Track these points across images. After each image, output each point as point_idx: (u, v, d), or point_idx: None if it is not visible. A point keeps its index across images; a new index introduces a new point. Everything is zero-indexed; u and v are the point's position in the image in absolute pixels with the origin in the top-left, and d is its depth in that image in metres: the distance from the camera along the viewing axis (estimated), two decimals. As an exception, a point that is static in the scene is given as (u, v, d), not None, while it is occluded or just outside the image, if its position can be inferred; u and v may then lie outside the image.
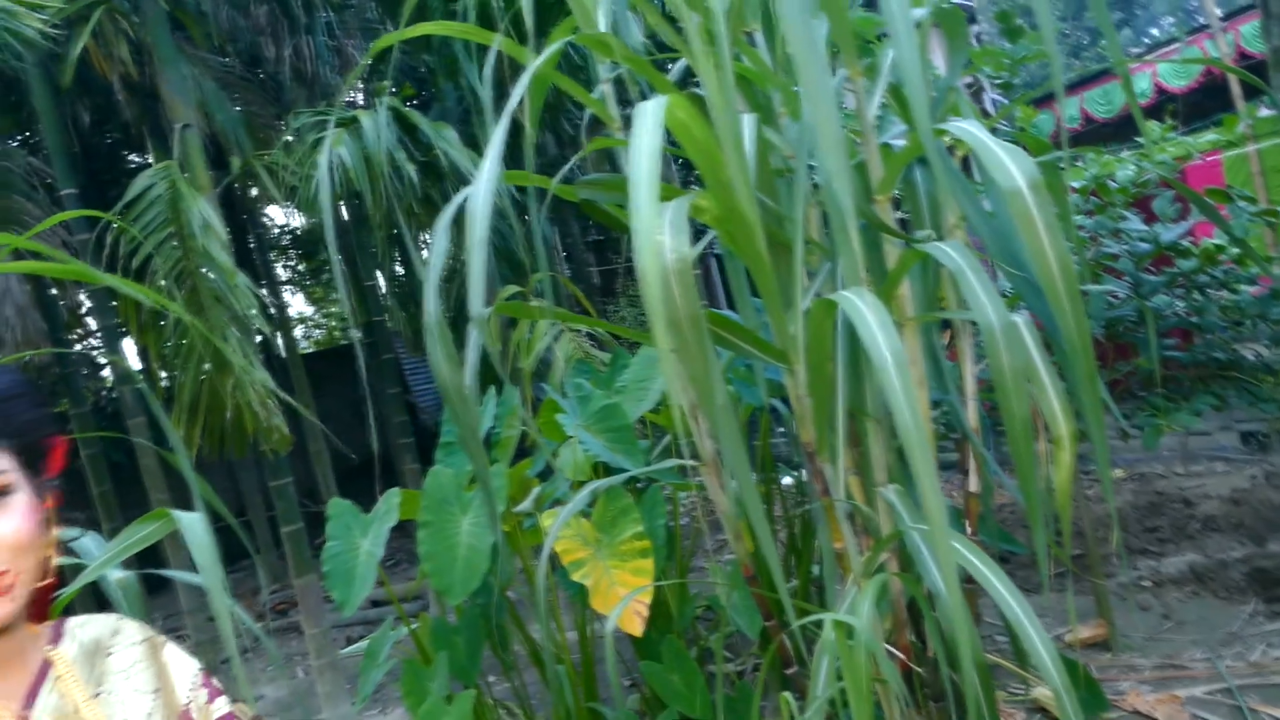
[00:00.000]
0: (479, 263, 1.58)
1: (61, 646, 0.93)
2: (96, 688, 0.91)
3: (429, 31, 2.14)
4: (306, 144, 4.26)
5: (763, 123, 2.17)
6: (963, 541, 1.70)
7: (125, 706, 0.91)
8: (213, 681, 1.01)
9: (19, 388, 0.88)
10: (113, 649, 0.95)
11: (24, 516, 0.83)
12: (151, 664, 0.97)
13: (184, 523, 1.49)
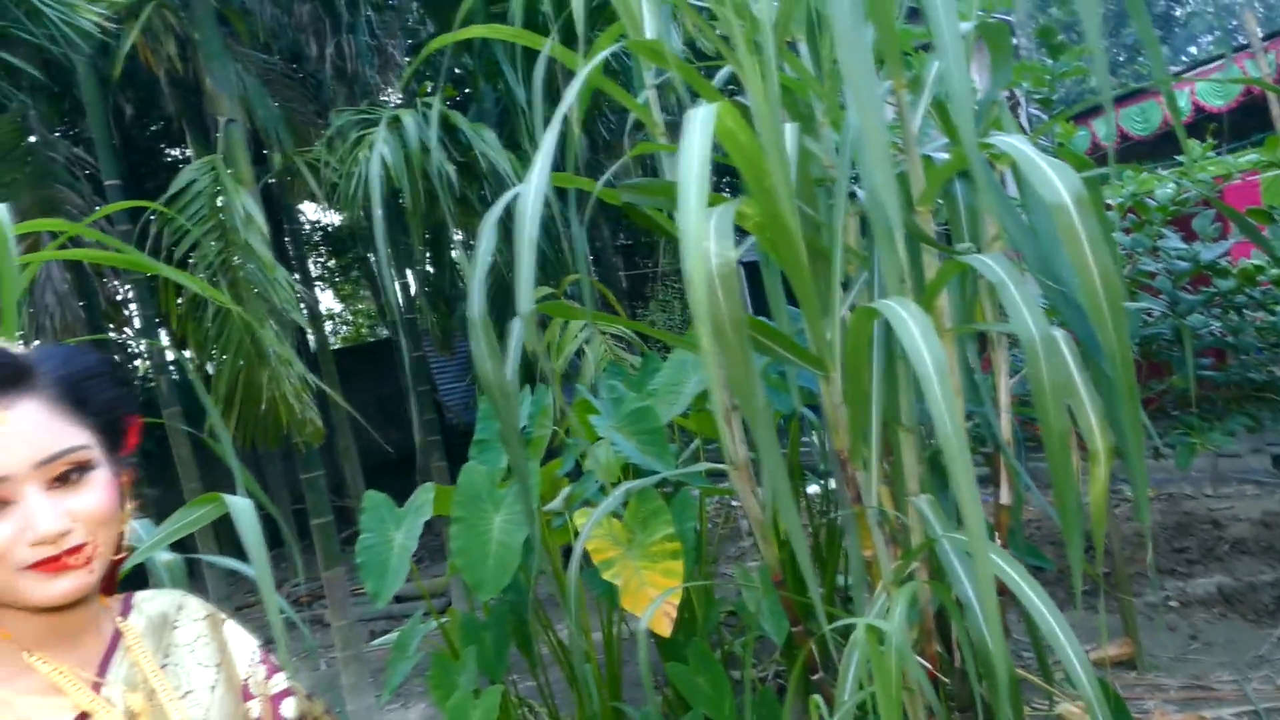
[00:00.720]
0: (527, 262, 1.61)
1: (131, 619, 0.96)
2: (163, 659, 0.95)
3: (480, 34, 2.18)
4: (348, 142, 4.32)
5: (804, 132, 2.20)
6: (998, 553, 1.71)
7: (190, 678, 0.95)
8: (271, 658, 1.04)
9: (101, 367, 0.92)
10: (178, 623, 0.99)
11: (105, 491, 0.87)
12: (214, 639, 1.00)
13: (234, 507, 1.53)
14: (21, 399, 0.84)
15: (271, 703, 1.00)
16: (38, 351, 0.90)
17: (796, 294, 2.06)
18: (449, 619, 2.89)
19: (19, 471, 0.82)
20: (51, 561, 0.83)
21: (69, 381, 0.88)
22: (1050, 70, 3.12)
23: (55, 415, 0.85)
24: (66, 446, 0.85)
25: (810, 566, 1.89)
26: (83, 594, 0.86)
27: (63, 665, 0.88)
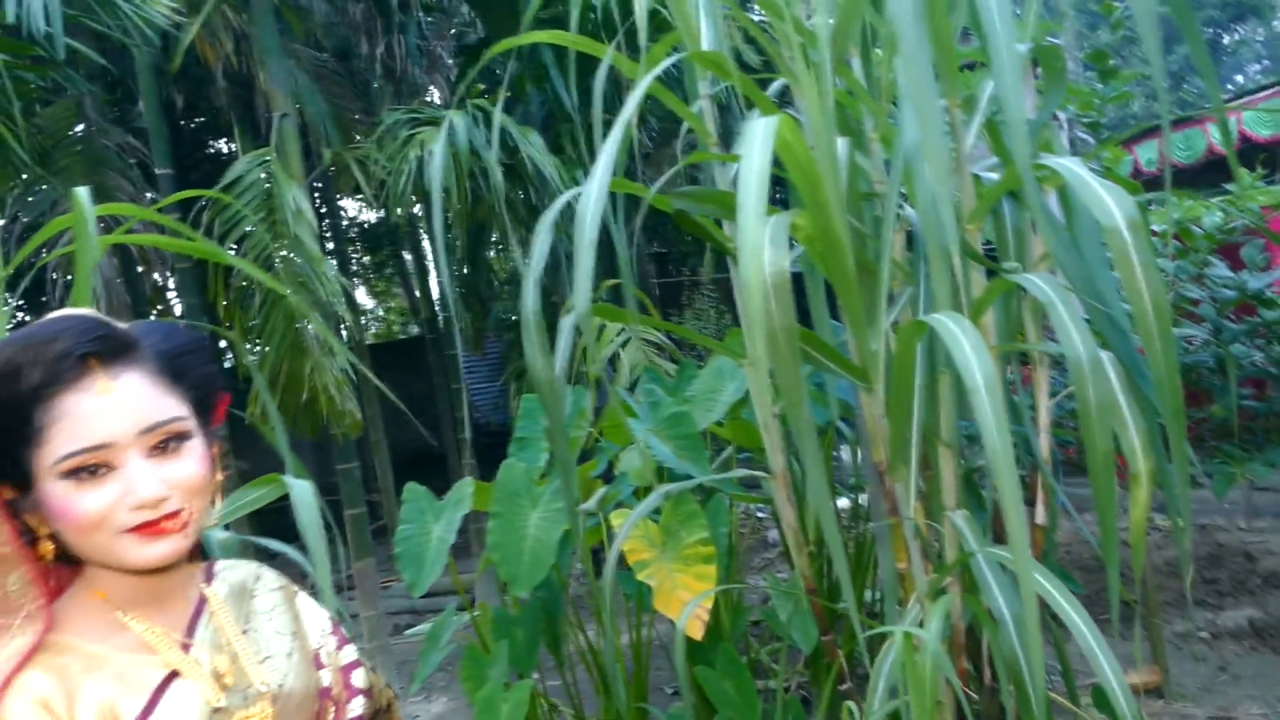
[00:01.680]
0: (586, 262, 1.65)
1: (214, 586, 1.01)
2: (244, 625, 0.99)
3: (542, 39, 2.23)
4: (398, 140, 4.39)
5: (854, 147, 2.23)
6: (1040, 571, 1.73)
7: (269, 644, 0.99)
8: (341, 631, 1.08)
9: (196, 344, 0.97)
10: (256, 592, 1.03)
11: (199, 460, 0.91)
12: (288, 609, 1.04)
13: (294, 489, 1.58)
14: (127, 370, 0.89)
15: (342, 673, 1.04)
16: (140, 326, 0.94)
17: (843, 306, 2.09)
18: (480, 613, 2.93)
19: (123, 438, 0.87)
20: (150, 526, 0.87)
21: (168, 356, 0.93)
22: (1100, 94, 3.13)
23: (156, 387, 0.90)
24: (167, 416, 0.89)
25: (847, 574, 1.92)
26: (176, 558, 0.90)
27: (154, 626, 0.93)
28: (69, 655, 0.87)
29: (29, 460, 0.86)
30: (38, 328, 0.89)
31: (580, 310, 1.69)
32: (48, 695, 0.84)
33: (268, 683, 0.95)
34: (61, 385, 0.85)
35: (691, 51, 2.11)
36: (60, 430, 0.85)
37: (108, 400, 0.86)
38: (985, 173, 2.48)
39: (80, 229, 1.73)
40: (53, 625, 0.88)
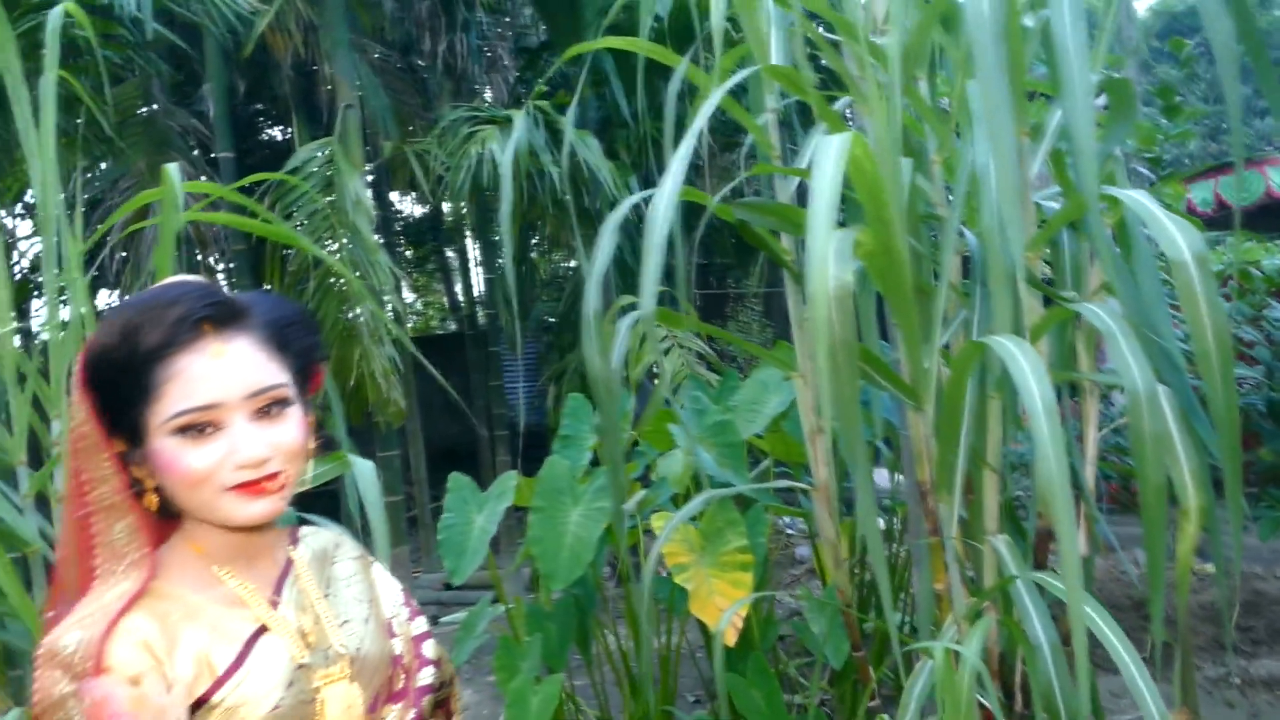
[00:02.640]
0: (654, 265, 1.69)
1: (299, 549, 1.05)
2: (325, 590, 1.03)
3: (616, 45, 2.27)
4: (458, 137, 4.47)
5: (915, 168, 2.25)
6: (1090, 602, 1.73)
7: (348, 609, 1.03)
8: (413, 602, 1.12)
9: (299, 316, 1.01)
10: (336, 559, 1.08)
11: (299, 427, 0.96)
12: (365, 577, 1.09)
13: (358, 467, 1.63)
14: (238, 336, 0.94)
15: (413, 643, 1.09)
16: (250, 296, 0.99)
17: (899, 324, 2.11)
18: (514, 606, 2.97)
19: (231, 400, 0.91)
20: (251, 485, 0.92)
21: (275, 325, 0.97)
22: (1163, 130, 3.13)
23: (263, 354, 0.95)
24: (273, 382, 0.94)
25: (889, 590, 1.93)
26: (272, 518, 0.95)
27: (245, 581, 0.97)
28: (169, 603, 0.92)
29: (143, 416, 0.91)
30: (157, 292, 0.94)
31: (646, 309, 1.73)
32: (150, 638, 0.88)
33: (346, 645, 1.00)
34: (178, 347, 0.90)
35: (765, 65, 2.14)
36: (174, 389, 0.90)
37: (219, 363, 0.91)
38: (1044, 201, 2.49)
39: (168, 204, 1.79)
40: (155, 574, 0.93)
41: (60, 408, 2.02)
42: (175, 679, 0.87)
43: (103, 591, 0.92)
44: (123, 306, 0.94)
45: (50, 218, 2.03)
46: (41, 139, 2.02)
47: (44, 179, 2.04)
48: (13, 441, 1.92)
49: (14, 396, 1.96)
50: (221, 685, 0.89)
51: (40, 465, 2.02)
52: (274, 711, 0.91)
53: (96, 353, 0.92)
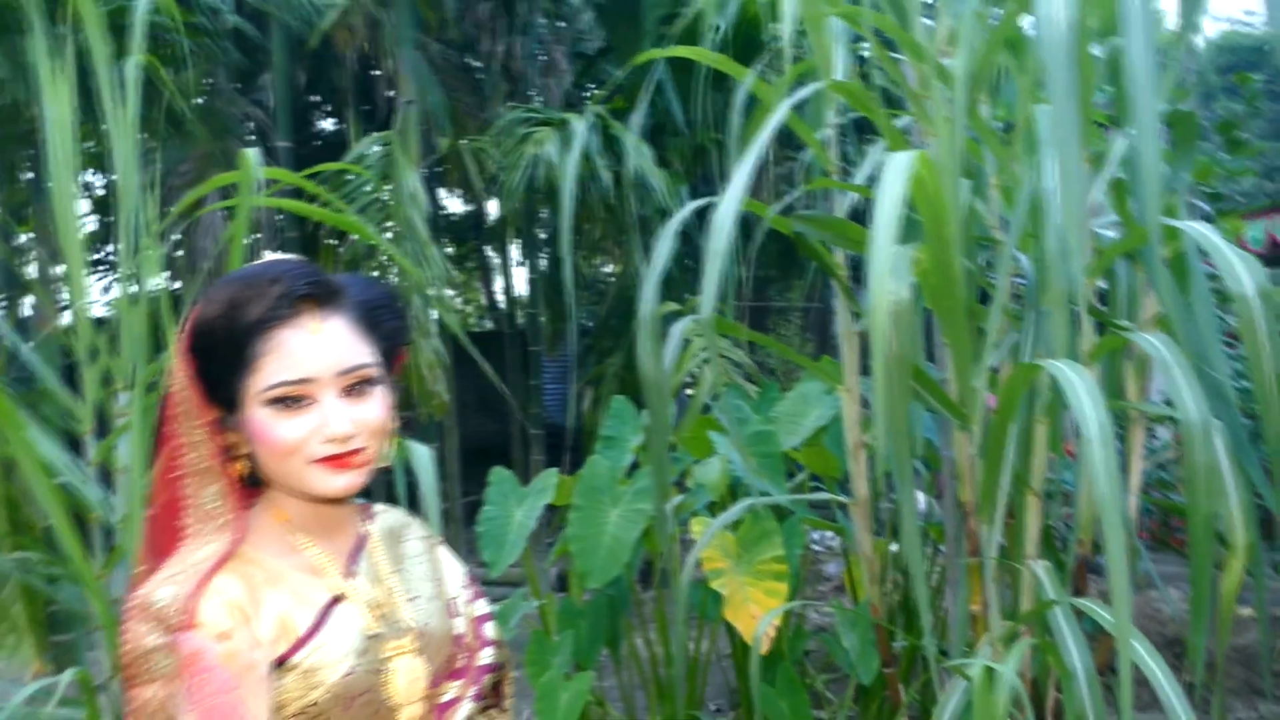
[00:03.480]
0: (715, 271, 1.72)
1: (372, 525, 1.09)
2: (395, 566, 1.07)
3: (683, 54, 2.31)
4: (515, 137, 4.53)
5: (973, 190, 2.27)
6: (1136, 634, 1.73)
7: (415, 586, 1.07)
8: (476, 585, 1.16)
9: (388, 299, 1.06)
10: (406, 537, 1.12)
11: (383, 406, 1.00)
12: (431, 557, 1.13)
13: (415, 453, 1.67)
14: (333, 315, 0.98)
15: (475, 623, 1.12)
16: (344, 277, 1.04)
17: (950, 343, 2.13)
18: (547, 602, 3.01)
19: (324, 376, 0.95)
20: (337, 459, 0.96)
21: (366, 307, 1.01)
22: (1222, 165, 3.11)
23: (355, 333, 0.99)
24: (362, 362, 0.98)
25: (928, 607, 1.95)
26: (354, 492, 0.99)
27: (324, 552, 1.01)
28: (253, 566, 0.96)
29: (240, 385, 0.95)
30: (260, 268, 0.99)
31: (707, 313, 1.76)
32: (237, 598, 0.93)
33: (414, 620, 1.03)
34: (277, 321, 0.95)
35: (831, 81, 2.17)
36: (271, 361, 0.94)
37: (315, 340, 0.95)
38: (1100, 229, 2.50)
39: (245, 186, 1.85)
40: (242, 538, 0.97)
41: (127, 380, 2.09)
42: (259, 638, 0.91)
43: (192, 551, 0.96)
44: (227, 280, 0.99)
45: (130, 197, 2.10)
46: (124, 120, 2.09)
47: (125, 159, 2.11)
48: (83, 409, 1.99)
49: (86, 369, 2.03)
50: (300, 648, 0.93)
51: (105, 435, 2.08)
52: (346, 677, 0.94)
53: (200, 323, 0.96)
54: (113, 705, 1.94)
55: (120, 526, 1.98)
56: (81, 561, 1.81)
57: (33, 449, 1.74)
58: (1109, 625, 1.76)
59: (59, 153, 1.95)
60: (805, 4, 2.10)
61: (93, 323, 2.08)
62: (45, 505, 1.76)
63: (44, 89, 1.95)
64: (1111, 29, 2.15)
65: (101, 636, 2.01)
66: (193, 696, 0.79)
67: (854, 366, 2.45)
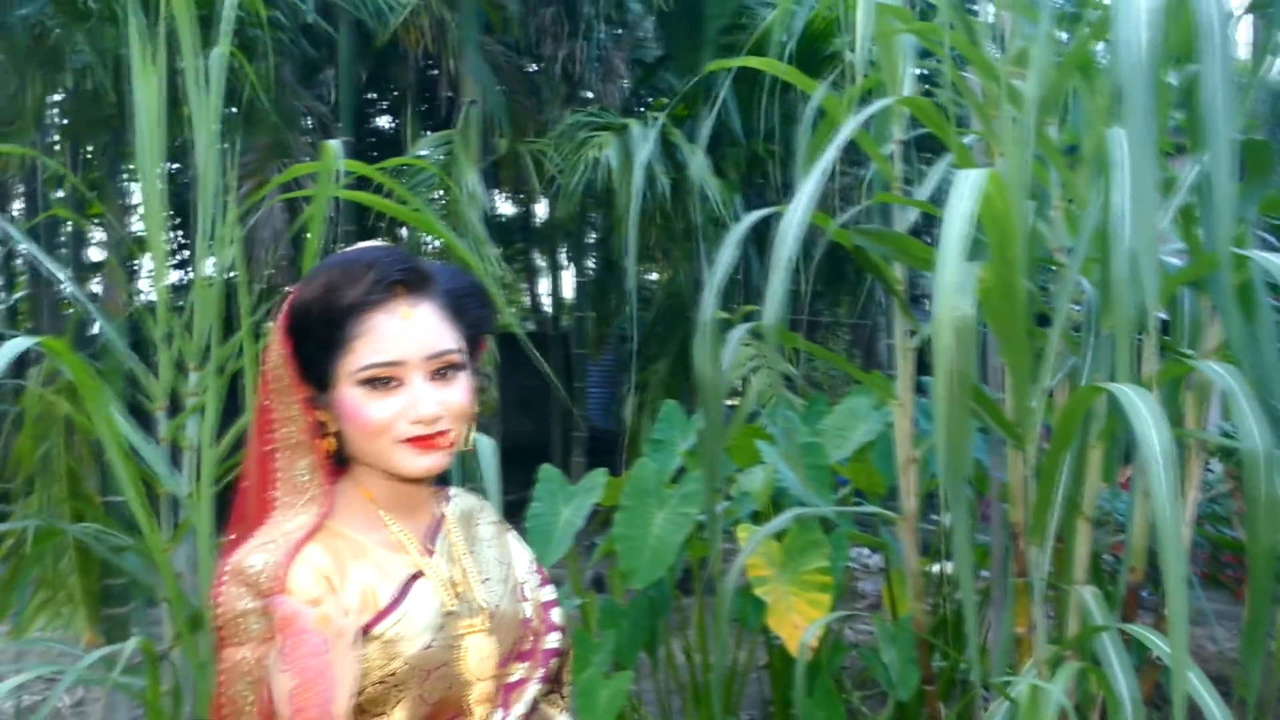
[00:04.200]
0: (780, 279, 1.74)
1: (449, 507, 1.13)
2: (469, 548, 1.11)
3: (753, 65, 2.33)
4: (575, 141, 4.58)
5: (1036, 211, 2.27)
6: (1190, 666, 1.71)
7: (488, 568, 1.10)
8: (543, 571, 1.19)
9: (475, 288, 1.09)
10: (479, 521, 1.15)
11: (467, 390, 1.03)
12: (501, 542, 1.16)
13: (479, 443, 1.71)
14: (424, 301, 1.02)
15: (542, 608, 1.15)
16: (434, 265, 1.07)
17: (1009, 362, 2.13)
18: (589, 600, 3.04)
19: (413, 359, 0.99)
20: (423, 440, 0.99)
21: (455, 295, 1.05)
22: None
23: (443, 320, 1.03)
24: (450, 347, 1.02)
25: (976, 625, 1.95)
26: (437, 472, 1.02)
27: (405, 529, 1.05)
28: (340, 539, 1.00)
29: (333, 365, 0.99)
30: (356, 254, 1.03)
31: (771, 320, 1.78)
32: (325, 568, 0.97)
33: (486, 600, 1.06)
34: (371, 305, 0.98)
35: (902, 97, 2.18)
36: (365, 343, 0.98)
37: (407, 324, 0.99)
38: (1162, 257, 2.48)
39: (324, 176, 1.91)
40: (331, 511, 1.01)
41: (197, 361, 2.16)
42: (346, 607, 0.94)
43: (281, 521, 1.00)
44: (324, 265, 1.03)
45: (210, 184, 2.17)
46: (208, 108, 2.17)
47: (206, 147, 2.18)
48: (157, 387, 2.05)
49: (161, 350, 2.10)
50: (382, 619, 0.97)
51: (176, 413, 2.15)
52: (424, 650, 0.98)
53: (298, 305, 1.01)
54: (173, 674, 2.00)
55: (187, 502, 2.05)
56: (152, 534, 1.87)
57: (114, 426, 1.81)
58: (1162, 653, 1.75)
59: (147, 138, 2.02)
60: (879, 20, 2.12)
61: (170, 305, 2.14)
62: (121, 479, 1.83)
63: (136, 76, 2.02)
64: (1185, 55, 2.15)
65: (164, 609, 2.08)
66: (288, 658, 0.83)
67: (908, 381, 2.46)
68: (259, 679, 0.91)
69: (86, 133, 4.36)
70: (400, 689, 0.96)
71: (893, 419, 3.25)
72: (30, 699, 3.65)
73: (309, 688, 0.82)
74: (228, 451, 2.07)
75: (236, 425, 2.08)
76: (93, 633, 3.56)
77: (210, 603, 0.97)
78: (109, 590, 4.34)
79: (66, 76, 3.81)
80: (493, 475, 1.69)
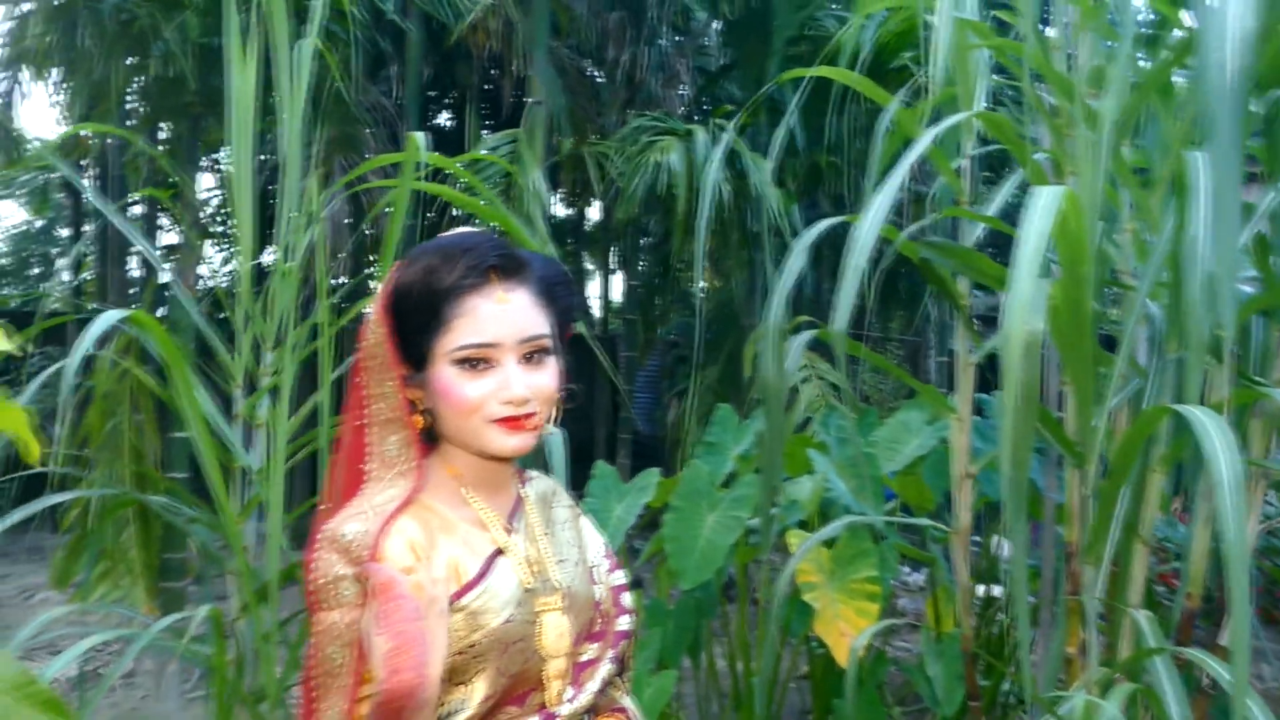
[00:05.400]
0: (850, 288, 1.76)
1: (528, 489, 1.17)
2: (546, 529, 1.14)
3: (827, 75, 2.35)
4: (639, 144, 4.63)
5: (1106, 232, 2.26)
6: (1253, 697, 1.70)
7: (563, 550, 1.14)
8: (614, 556, 1.23)
9: (566, 277, 1.13)
10: (555, 504, 1.19)
11: (555, 375, 1.07)
12: (575, 525, 1.20)
13: (550, 440, 1.75)
14: (518, 286, 1.05)
15: (613, 592, 1.18)
16: (528, 253, 1.11)
17: (1073, 380, 2.13)
18: (636, 598, 3.06)
19: (507, 342, 1.03)
20: (512, 420, 1.03)
21: (547, 282, 1.09)
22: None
23: (536, 305, 1.06)
24: (541, 332, 1.06)
25: (1028, 641, 1.95)
26: (524, 452, 1.06)
27: (488, 508, 1.09)
28: (430, 513, 1.05)
29: (430, 345, 1.04)
30: (455, 239, 1.07)
31: (839, 327, 1.80)
32: (416, 539, 1.01)
33: (561, 581, 1.10)
34: (469, 289, 1.03)
35: (979, 112, 2.19)
36: (461, 324, 1.02)
37: (502, 308, 1.03)
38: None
39: (408, 167, 1.96)
40: (421, 486, 1.05)
41: (273, 342, 2.23)
42: (435, 577, 0.98)
43: (373, 493, 1.04)
44: (424, 248, 1.07)
45: (294, 169, 2.24)
46: (297, 98, 2.24)
47: (292, 136, 2.26)
48: (235, 365, 2.13)
49: (240, 331, 2.17)
50: (468, 591, 1.01)
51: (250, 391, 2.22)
52: (505, 624, 1.02)
53: (399, 285, 1.05)
54: (237, 644, 2.06)
55: (257, 477, 2.11)
56: (226, 508, 1.93)
57: (196, 400, 1.87)
58: (1221, 679, 1.74)
59: (240, 124, 2.09)
60: (957, 35, 2.13)
61: (252, 288, 2.21)
62: (200, 452, 1.89)
63: (232, 65, 2.09)
64: (1267, 82, 2.13)
65: (228, 582, 2.14)
66: (384, 621, 0.87)
67: (968, 396, 2.46)
68: (351, 642, 0.95)
69: (166, 119, 4.49)
70: (481, 660, 1.00)
71: (947, 434, 3.26)
72: (89, 667, 3.75)
73: (405, 651, 0.85)
74: (298, 430, 2.14)
75: (306, 405, 2.15)
76: (150, 605, 3.66)
77: (305, 568, 1.01)
78: (167, 564, 4.46)
79: (151, 63, 3.93)
80: (561, 467, 1.73)
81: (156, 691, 4.09)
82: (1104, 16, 2.14)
